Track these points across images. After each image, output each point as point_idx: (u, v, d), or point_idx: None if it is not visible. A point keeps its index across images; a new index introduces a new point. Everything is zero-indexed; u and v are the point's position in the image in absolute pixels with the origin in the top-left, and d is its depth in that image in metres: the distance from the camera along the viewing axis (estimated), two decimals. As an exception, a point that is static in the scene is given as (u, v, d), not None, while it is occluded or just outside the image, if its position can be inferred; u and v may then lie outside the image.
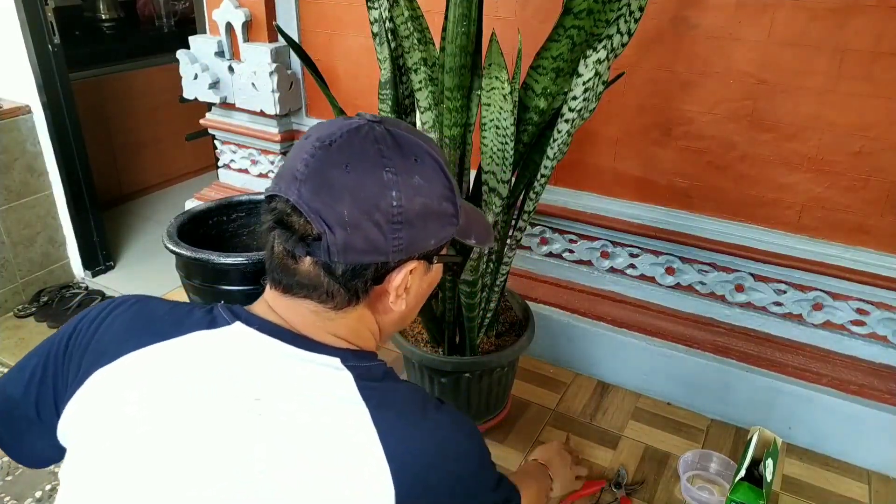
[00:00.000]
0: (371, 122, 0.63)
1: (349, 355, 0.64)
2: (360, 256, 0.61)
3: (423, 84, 1.01)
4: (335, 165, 0.60)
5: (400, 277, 0.64)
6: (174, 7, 3.11)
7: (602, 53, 0.89)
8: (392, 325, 0.72)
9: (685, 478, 1.19)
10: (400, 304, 0.67)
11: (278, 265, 0.63)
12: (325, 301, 0.63)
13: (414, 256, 0.65)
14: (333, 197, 0.59)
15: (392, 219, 0.60)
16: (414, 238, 0.63)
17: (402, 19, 0.95)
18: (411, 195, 0.61)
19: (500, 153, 0.97)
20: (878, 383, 1.24)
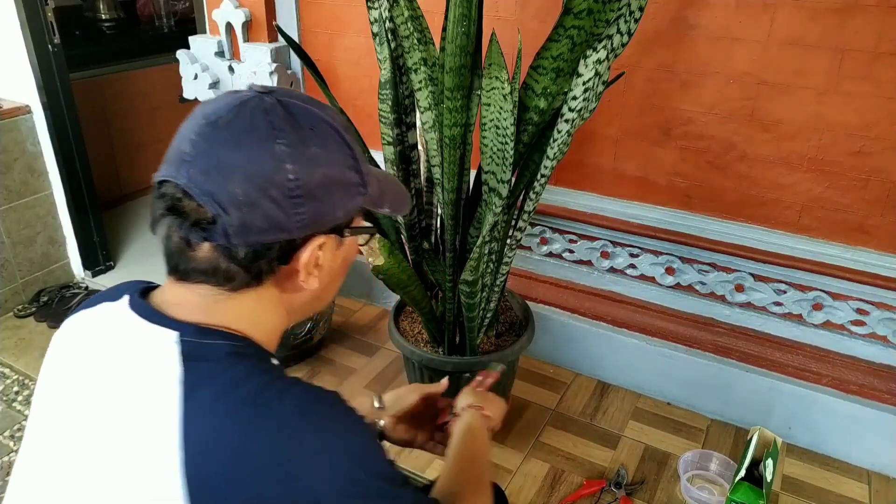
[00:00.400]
0: (260, 93, 0.60)
1: (194, 330, 0.60)
2: (261, 236, 0.58)
3: (423, 84, 1.01)
4: (223, 143, 0.57)
5: (308, 254, 0.61)
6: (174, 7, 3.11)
7: (602, 53, 0.89)
8: (306, 305, 0.69)
9: (685, 478, 1.19)
10: (312, 282, 0.64)
11: (175, 253, 0.60)
12: (221, 284, 0.60)
13: (321, 231, 0.61)
14: (225, 176, 0.56)
15: (290, 193, 0.57)
16: (318, 211, 0.60)
17: (402, 19, 0.95)
18: (309, 166, 0.58)
19: (500, 153, 0.97)
20: (878, 383, 1.24)
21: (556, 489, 1.21)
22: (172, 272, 0.62)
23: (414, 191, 1.19)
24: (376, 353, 1.57)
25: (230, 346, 0.61)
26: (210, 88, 1.72)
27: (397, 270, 1.07)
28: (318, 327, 1.51)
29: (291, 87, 1.67)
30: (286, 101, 0.60)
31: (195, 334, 0.60)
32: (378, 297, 1.77)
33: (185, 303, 0.62)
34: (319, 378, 1.48)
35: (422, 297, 1.16)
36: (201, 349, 0.59)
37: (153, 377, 0.58)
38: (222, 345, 0.60)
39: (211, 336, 0.60)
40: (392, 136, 1.13)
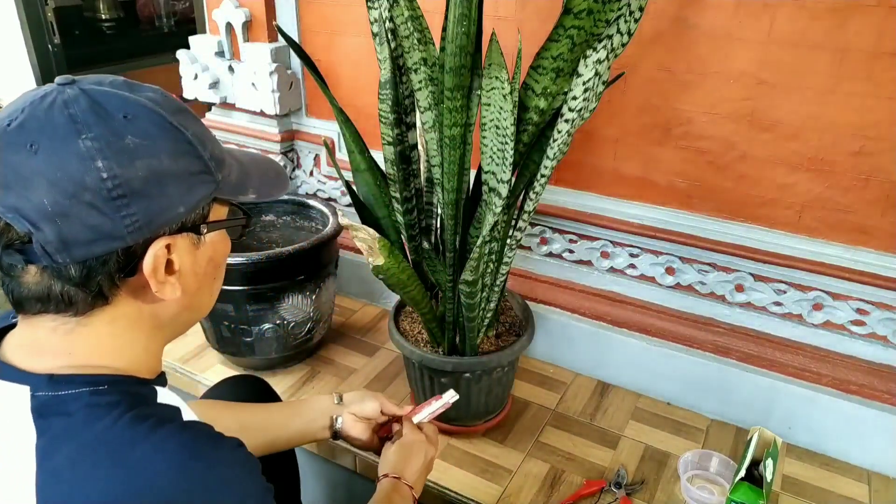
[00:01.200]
0: (61, 84, 0.52)
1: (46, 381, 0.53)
2: (89, 248, 0.50)
3: (423, 84, 1.01)
4: (18, 148, 0.49)
5: (151, 260, 0.54)
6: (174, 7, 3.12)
7: (602, 53, 0.89)
8: (179, 316, 0.61)
9: (685, 478, 1.19)
10: (170, 290, 0.56)
11: (3, 282, 0.53)
12: (63, 310, 0.53)
13: (164, 232, 0.54)
14: (26, 186, 0.49)
15: (108, 194, 0.50)
16: (151, 210, 0.52)
17: (402, 19, 0.95)
18: (126, 160, 0.50)
19: (500, 153, 0.97)
20: (878, 383, 1.24)
21: (556, 489, 1.21)
22: (14, 305, 0.55)
23: (414, 191, 1.19)
24: (376, 353, 1.57)
25: (90, 392, 0.53)
26: (210, 88, 1.72)
27: (397, 270, 1.07)
28: (318, 327, 1.51)
29: (294, 85, 1.67)
30: (91, 90, 0.52)
31: (48, 386, 0.53)
32: (378, 297, 1.77)
33: (34, 344, 0.55)
34: (319, 378, 1.48)
35: (422, 297, 1.16)
36: (56, 404, 0.52)
37: (5, 444, 0.51)
38: (81, 394, 0.52)
39: (66, 385, 0.53)
40: (392, 136, 1.13)
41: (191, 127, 0.56)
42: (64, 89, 0.52)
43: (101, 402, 0.52)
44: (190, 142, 0.55)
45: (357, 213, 1.21)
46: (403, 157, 1.16)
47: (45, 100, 0.51)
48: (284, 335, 1.44)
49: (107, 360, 0.56)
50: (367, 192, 1.22)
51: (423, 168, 1.20)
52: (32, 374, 0.54)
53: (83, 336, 0.55)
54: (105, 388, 0.54)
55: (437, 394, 1.08)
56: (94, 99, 0.52)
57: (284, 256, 1.33)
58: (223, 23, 1.66)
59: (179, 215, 0.55)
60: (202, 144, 0.56)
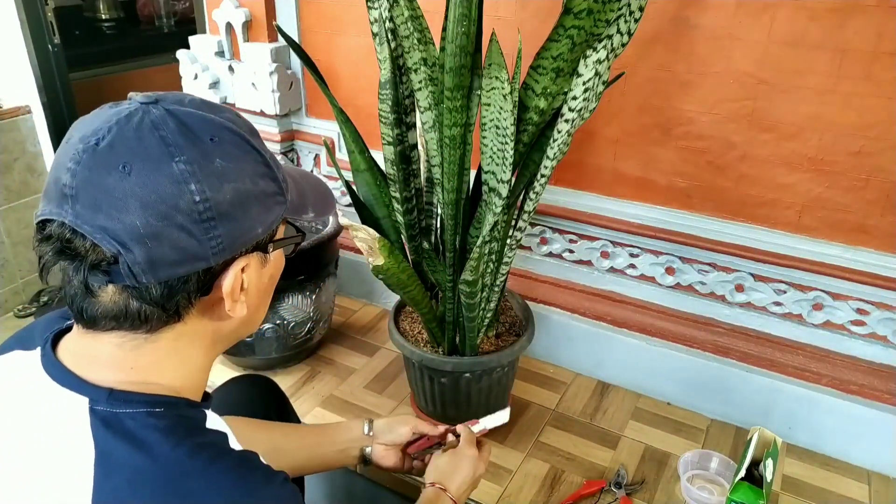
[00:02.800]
0: (144, 104, 0.52)
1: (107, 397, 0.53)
2: (173, 269, 0.51)
3: (423, 84, 1.01)
4: (109, 169, 0.49)
5: (230, 280, 0.55)
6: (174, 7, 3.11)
7: (602, 53, 0.89)
8: (234, 332, 0.63)
9: (685, 478, 1.19)
10: (240, 309, 0.57)
11: (76, 298, 0.52)
12: (136, 328, 0.53)
13: (242, 252, 0.55)
14: (118, 208, 0.48)
15: (200, 217, 0.50)
16: (235, 231, 0.53)
17: (402, 19, 0.95)
18: (216, 183, 0.51)
19: (500, 153, 0.97)
20: (878, 383, 1.24)
21: (556, 489, 1.21)
22: (79, 319, 0.54)
23: (414, 191, 1.19)
24: (376, 353, 1.57)
25: (146, 414, 0.53)
26: (210, 88, 1.72)
27: (397, 270, 1.07)
28: (318, 327, 1.51)
29: (294, 85, 1.67)
30: (176, 111, 0.52)
31: (107, 402, 0.53)
32: (378, 297, 1.77)
33: (96, 357, 0.55)
34: (319, 378, 1.49)
35: (422, 297, 1.16)
36: (115, 421, 0.52)
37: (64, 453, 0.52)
38: (138, 414, 0.53)
39: (124, 403, 0.53)
40: (392, 136, 1.13)
41: (264, 149, 0.57)
42: (149, 109, 0.51)
43: (159, 426, 0.53)
44: (268, 164, 0.56)
45: (357, 213, 1.21)
46: (403, 157, 1.16)
47: (132, 120, 0.51)
48: (284, 335, 1.44)
49: (166, 378, 0.57)
50: (367, 192, 1.22)
51: (423, 168, 1.20)
52: (92, 385, 0.54)
53: (147, 352, 0.55)
54: (161, 412, 0.54)
55: (441, 394, 1.08)
56: (181, 120, 0.52)
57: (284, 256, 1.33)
58: (223, 23, 1.66)
59: (257, 236, 0.56)
60: (276, 166, 0.57)
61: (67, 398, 0.53)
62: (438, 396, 1.25)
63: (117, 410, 0.53)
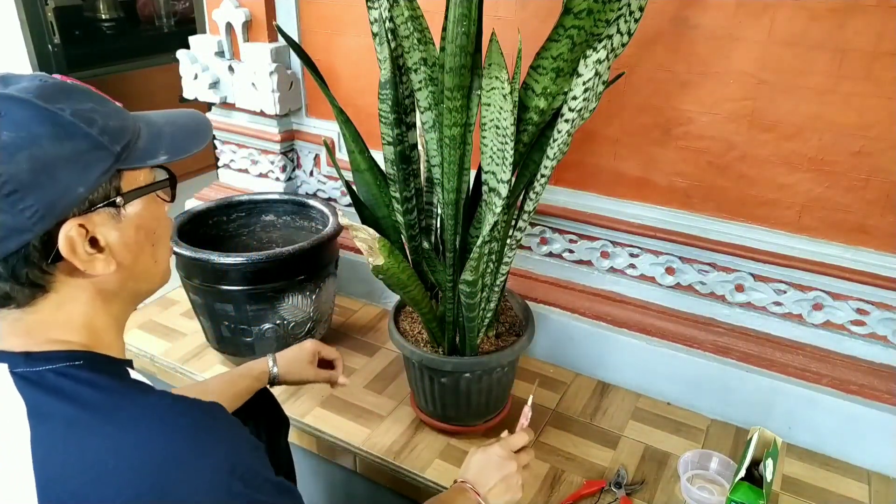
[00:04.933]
0: None
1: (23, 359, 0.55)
2: (2, 246, 0.52)
3: (423, 84, 1.01)
4: None
5: (64, 243, 0.54)
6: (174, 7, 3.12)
7: (602, 53, 0.89)
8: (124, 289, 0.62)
9: (685, 478, 1.19)
10: (102, 266, 0.57)
11: None
12: (5, 305, 0.55)
13: (70, 214, 0.54)
14: None
15: (1, 192, 0.51)
16: (47, 198, 0.52)
17: (402, 19, 0.95)
18: (6, 156, 0.51)
19: (500, 153, 0.97)
20: (878, 383, 1.24)
21: (556, 489, 1.21)
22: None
23: (414, 190, 1.19)
24: (376, 353, 1.57)
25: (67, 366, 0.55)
26: (210, 88, 1.72)
27: (397, 270, 1.07)
28: (318, 327, 1.51)
29: (294, 85, 1.67)
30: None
31: (25, 363, 0.55)
32: (378, 297, 1.77)
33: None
34: (319, 378, 1.48)
35: (422, 297, 1.16)
36: (38, 378, 0.54)
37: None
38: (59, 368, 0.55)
39: (44, 361, 0.55)
40: (392, 136, 1.13)
41: (71, 106, 0.55)
42: None
43: (81, 376, 0.54)
44: (71, 122, 0.54)
45: (357, 213, 1.21)
46: (403, 157, 1.16)
47: None
48: (284, 335, 1.44)
49: (71, 335, 0.57)
50: (367, 192, 1.22)
51: (423, 168, 1.20)
52: (6, 352, 0.55)
53: (35, 322, 0.56)
54: (81, 364, 0.55)
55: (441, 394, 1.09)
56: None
57: (284, 256, 1.33)
58: (223, 23, 1.66)
59: (81, 195, 0.55)
60: (87, 121, 0.55)
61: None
62: (438, 396, 1.25)
63: (38, 368, 0.54)
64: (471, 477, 0.90)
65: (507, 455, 0.94)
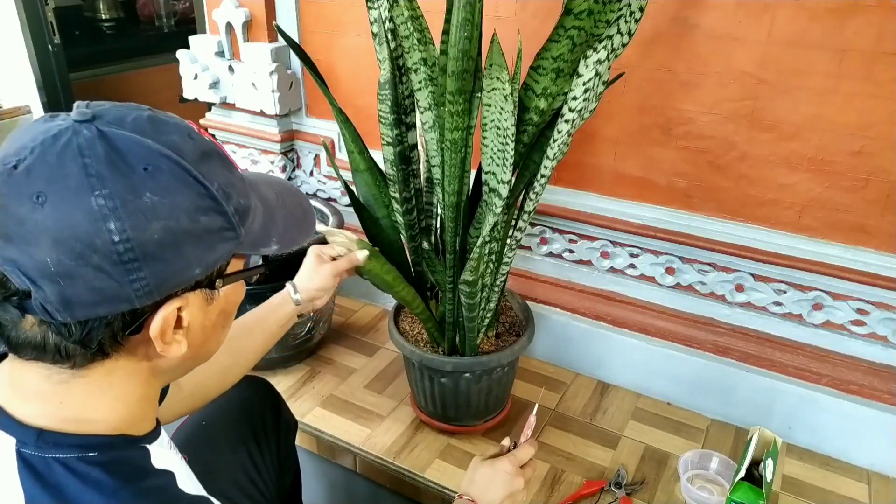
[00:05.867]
0: (77, 122, 0.46)
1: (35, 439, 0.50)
2: (92, 310, 0.47)
3: (423, 84, 1.01)
4: (23, 197, 0.44)
5: (159, 323, 0.50)
6: (174, 7, 3.12)
7: (602, 54, 0.89)
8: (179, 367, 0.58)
9: (685, 478, 1.19)
10: (175, 349, 0.52)
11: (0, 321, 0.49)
12: (59, 362, 0.50)
13: (175, 293, 0.50)
14: (28, 241, 0.44)
15: (119, 258, 0.45)
16: (164, 274, 0.48)
17: (402, 19, 0.95)
18: (141, 221, 0.46)
19: (501, 154, 0.97)
20: (878, 383, 1.24)
21: (556, 489, 1.21)
22: (5, 342, 0.50)
23: (414, 191, 1.19)
24: (376, 353, 1.57)
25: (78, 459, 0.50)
26: (210, 88, 1.72)
27: (380, 272, 1.10)
28: (318, 327, 1.51)
29: (294, 85, 1.67)
30: (110, 133, 0.46)
31: (35, 444, 0.50)
32: (378, 297, 1.77)
33: (24, 387, 0.52)
34: (319, 378, 1.48)
35: (412, 297, 1.17)
36: (44, 466, 0.49)
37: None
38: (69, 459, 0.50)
39: (54, 447, 0.50)
40: (392, 136, 1.13)
41: (217, 177, 0.50)
42: (80, 129, 0.46)
43: (92, 475, 0.49)
44: (214, 197, 0.50)
45: (356, 214, 1.21)
46: (403, 158, 1.16)
47: (59, 141, 0.45)
48: (284, 335, 1.43)
49: (100, 413, 0.53)
50: (366, 193, 1.22)
51: (423, 168, 1.20)
52: (21, 424, 0.51)
53: (77, 387, 0.52)
54: (95, 456, 0.50)
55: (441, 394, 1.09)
56: (112, 145, 0.46)
57: (284, 257, 1.33)
58: (223, 23, 1.66)
59: (194, 277, 0.51)
60: (227, 198, 0.51)
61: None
62: (438, 396, 1.25)
63: (47, 455, 0.49)
64: (475, 492, 0.87)
65: (514, 471, 0.89)
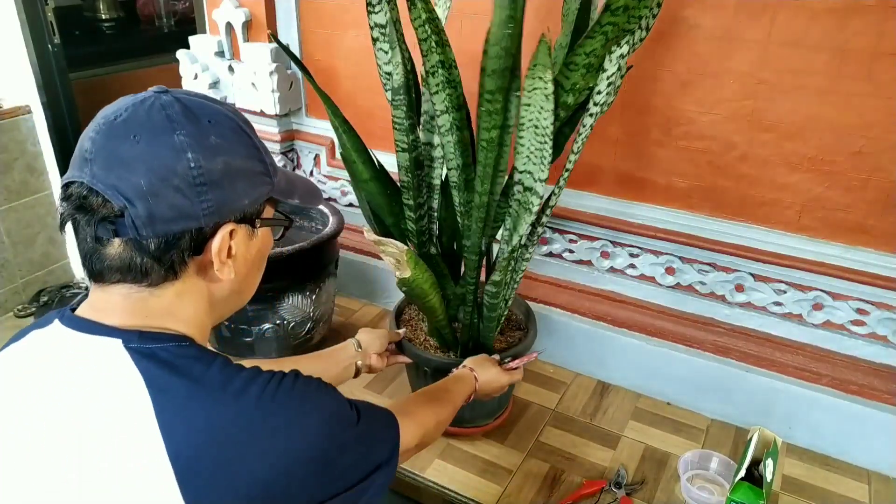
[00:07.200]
0: (157, 92, 0.62)
1: (137, 336, 0.61)
2: (168, 225, 0.59)
3: (440, 87, 1.00)
4: (123, 138, 0.59)
5: (218, 241, 0.63)
6: (174, 7, 3.11)
7: (625, 48, 0.90)
8: (227, 299, 0.70)
9: (685, 478, 1.19)
10: (227, 272, 0.65)
11: (88, 254, 0.61)
12: (138, 280, 0.61)
13: (230, 219, 0.63)
14: (127, 169, 0.58)
15: (193, 181, 0.59)
16: (223, 198, 0.61)
17: (420, 21, 0.94)
18: (210, 154, 0.60)
19: (539, 152, 0.97)
20: (878, 383, 1.24)
21: (556, 489, 1.21)
22: (90, 275, 0.62)
23: (426, 197, 1.19)
24: (376, 353, 1.57)
25: (176, 346, 0.62)
26: (210, 88, 1.72)
27: (422, 281, 1.07)
28: (318, 327, 1.51)
29: (294, 84, 1.67)
30: (183, 98, 0.62)
31: (139, 340, 0.61)
32: (378, 297, 1.77)
33: (112, 308, 0.62)
34: (319, 378, 1.48)
35: (439, 304, 1.15)
36: (151, 354, 0.60)
37: (116, 388, 0.58)
38: (169, 347, 0.61)
39: (155, 340, 0.61)
40: (407, 142, 1.11)
41: (255, 136, 0.66)
42: (160, 96, 0.61)
43: (189, 353, 0.61)
44: (256, 147, 0.66)
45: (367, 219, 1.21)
46: (417, 164, 1.15)
47: (145, 103, 0.60)
48: (284, 335, 1.44)
49: (179, 325, 0.64)
50: (372, 202, 1.21)
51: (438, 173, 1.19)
52: (121, 329, 0.61)
53: (154, 304, 0.63)
54: (188, 345, 0.63)
55: None
56: (185, 104, 0.61)
57: (284, 256, 1.33)
58: (223, 23, 1.66)
59: (244, 206, 0.64)
60: (264, 151, 0.67)
61: (101, 343, 0.60)
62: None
63: (150, 346, 0.60)
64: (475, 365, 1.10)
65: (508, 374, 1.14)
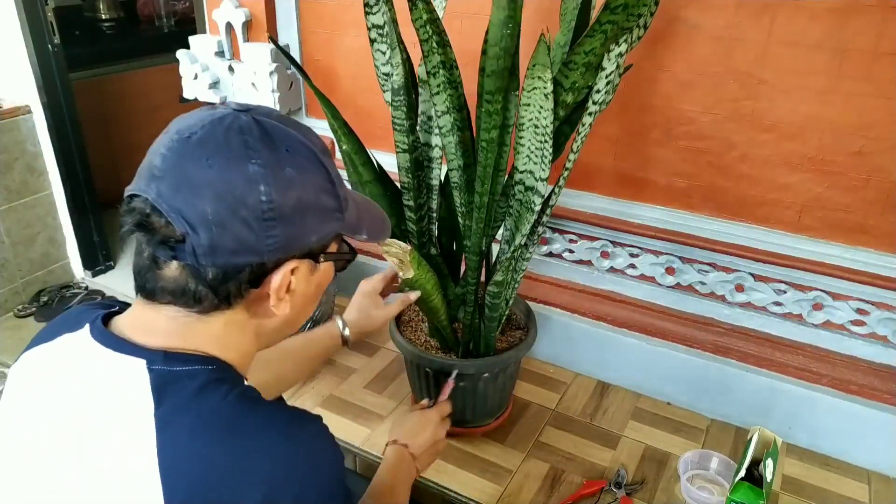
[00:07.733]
0: (236, 111, 0.59)
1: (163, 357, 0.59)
2: (230, 258, 0.57)
3: (441, 88, 1.00)
4: (195, 159, 0.55)
5: (279, 278, 0.60)
6: (174, 7, 3.11)
7: (623, 47, 0.90)
8: (277, 330, 0.68)
9: (685, 478, 1.19)
10: (283, 308, 0.63)
11: (143, 270, 0.59)
12: (189, 306, 0.59)
13: (294, 255, 0.61)
14: (195, 194, 0.55)
15: (262, 215, 0.56)
16: (291, 235, 0.59)
17: (421, 22, 0.94)
18: (283, 188, 0.57)
19: (539, 151, 0.97)
20: (878, 383, 1.24)
21: (556, 489, 1.21)
22: (140, 291, 0.61)
23: (426, 198, 1.19)
24: (376, 353, 1.58)
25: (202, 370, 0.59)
26: (210, 88, 1.72)
27: (425, 281, 1.07)
28: (318, 327, 1.51)
29: (294, 85, 1.67)
30: (263, 121, 0.59)
31: (164, 361, 0.58)
32: (378, 297, 1.76)
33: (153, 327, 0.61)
34: (320, 377, 1.48)
35: (441, 304, 1.15)
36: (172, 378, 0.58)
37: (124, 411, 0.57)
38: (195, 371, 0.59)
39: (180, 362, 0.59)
40: (407, 143, 1.11)
41: (332, 168, 0.63)
42: (239, 115, 0.58)
43: (212, 378, 0.59)
44: (332, 181, 0.62)
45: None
46: (418, 165, 1.15)
47: (224, 121, 0.57)
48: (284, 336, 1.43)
49: (215, 350, 0.62)
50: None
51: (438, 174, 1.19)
52: (147, 348, 0.59)
53: (199, 330, 0.61)
54: (214, 368, 0.60)
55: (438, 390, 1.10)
56: (265, 129, 0.58)
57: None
58: (223, 23, 1.66)
59: (311, 244, 0.62)
60: (339, 183, 0.64)
61: (124, 362, 0.58)
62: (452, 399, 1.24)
63: (174, 368, 0.58)
64: (406, 437, 1.00)
65: (439, 421, 1.04)
